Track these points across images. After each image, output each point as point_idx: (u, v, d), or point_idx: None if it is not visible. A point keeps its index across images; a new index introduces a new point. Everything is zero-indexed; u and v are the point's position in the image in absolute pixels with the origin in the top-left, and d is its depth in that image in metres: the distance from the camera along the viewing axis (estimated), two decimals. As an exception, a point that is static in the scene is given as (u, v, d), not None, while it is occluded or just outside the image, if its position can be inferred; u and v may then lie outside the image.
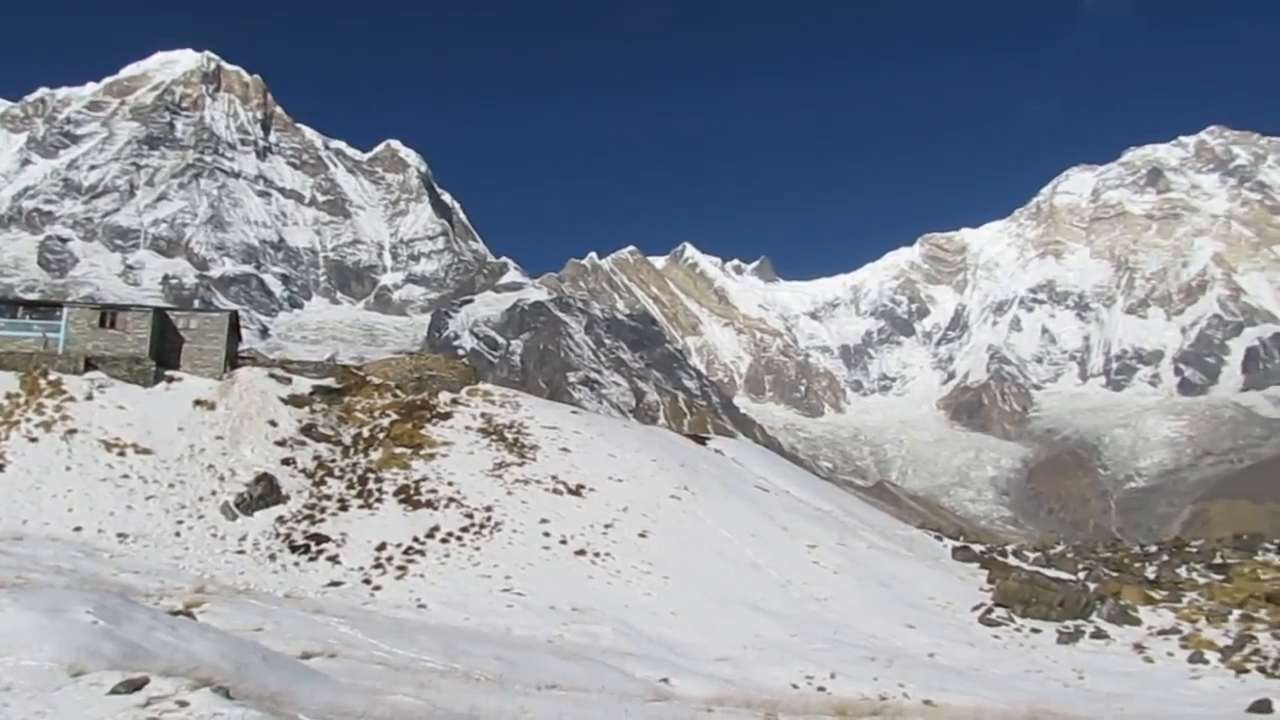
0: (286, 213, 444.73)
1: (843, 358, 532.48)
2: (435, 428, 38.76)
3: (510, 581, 27.66)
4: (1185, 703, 20.74)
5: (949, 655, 24.06)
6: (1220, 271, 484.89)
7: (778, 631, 25.28)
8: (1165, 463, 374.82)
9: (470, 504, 32.75)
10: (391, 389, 42.42)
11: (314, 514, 32.03)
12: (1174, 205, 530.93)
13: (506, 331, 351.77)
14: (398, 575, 28.06)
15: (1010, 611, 27.28)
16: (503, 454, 36.90)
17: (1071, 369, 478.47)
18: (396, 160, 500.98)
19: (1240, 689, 21.28)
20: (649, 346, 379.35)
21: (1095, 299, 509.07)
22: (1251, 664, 22.65)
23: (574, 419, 42.77)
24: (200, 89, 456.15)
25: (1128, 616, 26.88)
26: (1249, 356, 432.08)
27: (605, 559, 29.63)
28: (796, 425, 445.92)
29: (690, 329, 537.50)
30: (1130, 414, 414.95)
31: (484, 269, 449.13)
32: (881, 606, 27.95)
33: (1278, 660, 22.43)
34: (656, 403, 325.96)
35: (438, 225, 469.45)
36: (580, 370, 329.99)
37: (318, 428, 37.87)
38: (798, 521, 35.15)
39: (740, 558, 30.72)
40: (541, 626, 24.25)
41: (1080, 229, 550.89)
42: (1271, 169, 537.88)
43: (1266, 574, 30.74)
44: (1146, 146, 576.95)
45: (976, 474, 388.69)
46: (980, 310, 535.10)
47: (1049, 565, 34.02)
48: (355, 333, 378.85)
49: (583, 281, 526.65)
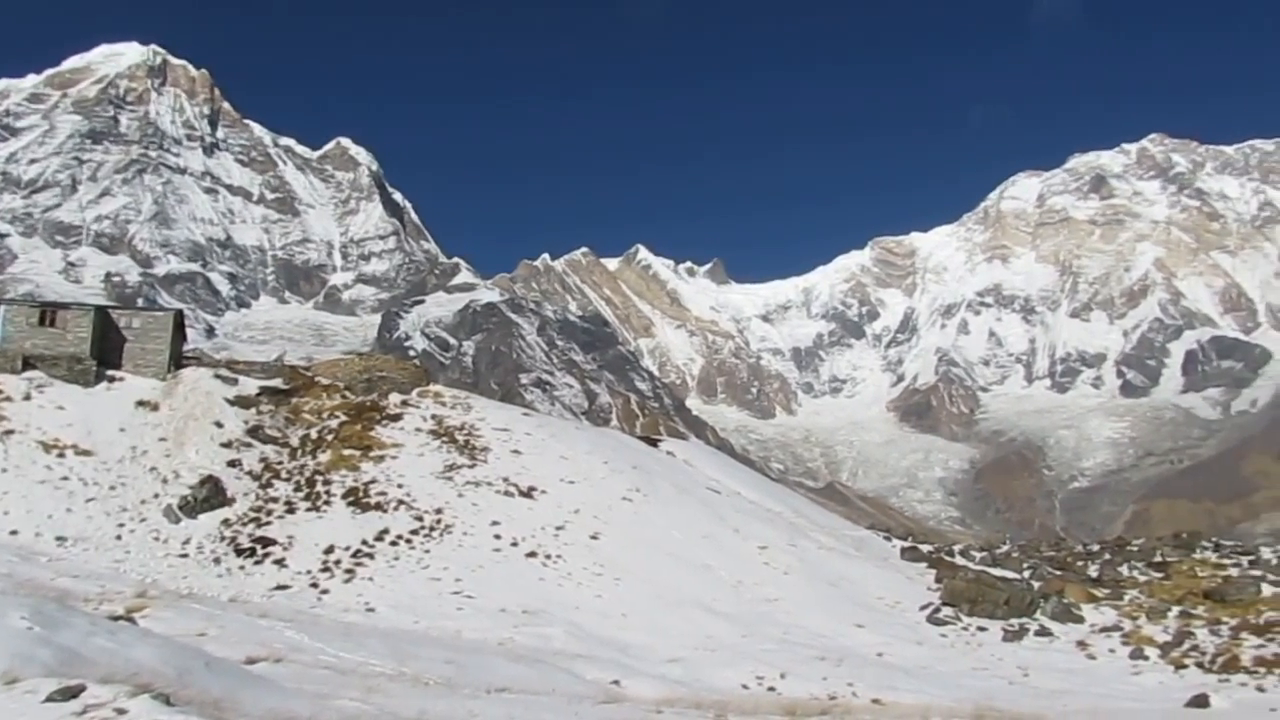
0: (234, 210, 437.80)
1: (794, 360, 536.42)
2: (385, 429, 38.37)
3: (461, 584, 27.44)
4: (1126, 698, 21.14)
5: (897, 654, 24.30)
6: (1161, 276, 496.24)
7: (728, 632, 25.36)
8: (1108, 463, 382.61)
9: (420, 506, 32.45)
10: (341, 390, 41.91)
11: (260, 517, 31.53)
12: (1116, 211, 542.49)
13: (458, 332, 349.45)
14: (346, 578, 27.71)
15: (957, 610, 27.64)
16: (454, 456, 36.62)
17: (1018, 371, 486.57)
18: (347, 158, 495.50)
19: (1179, 684, 21.74)
20: (601, 348, 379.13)
21: (1040, 303, 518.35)
22: (1190, 659, 23.16)
23: (526, 421, 42.58)
24: (145, 83, 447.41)
25: (1071, 614, 27.35)
26: (1188, 359, 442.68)
27: (557, 561, 29.52)
28: (748, 427, 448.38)
29: (643, 331, 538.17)
30: (1074, 415, 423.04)
31: (436, 269, 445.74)
32: (831, 606, 28.16)
33: (1215, 656, 22.96)
34: (609, 404, 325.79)
35: (389, 225, 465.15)
36: (532, 372, 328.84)
37: (265, 429, 37.30)
38: (749, 523, 35.31)
39: (692, 559, 30.77)
40: (492, 629, 24.09)
41: (1026, 234, 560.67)
42: (1210, 177, 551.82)
43: (1204, 572, 31.47)
44: (1090, 153, 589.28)
45: (925, 475, 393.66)
46: (929, 313, 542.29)
47: (995, 564, 34.52)
48: (304, 333, 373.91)
49: (535, 283, 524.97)
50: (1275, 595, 26.89)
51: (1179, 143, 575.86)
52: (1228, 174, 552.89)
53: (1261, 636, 23.69)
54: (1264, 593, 27.20)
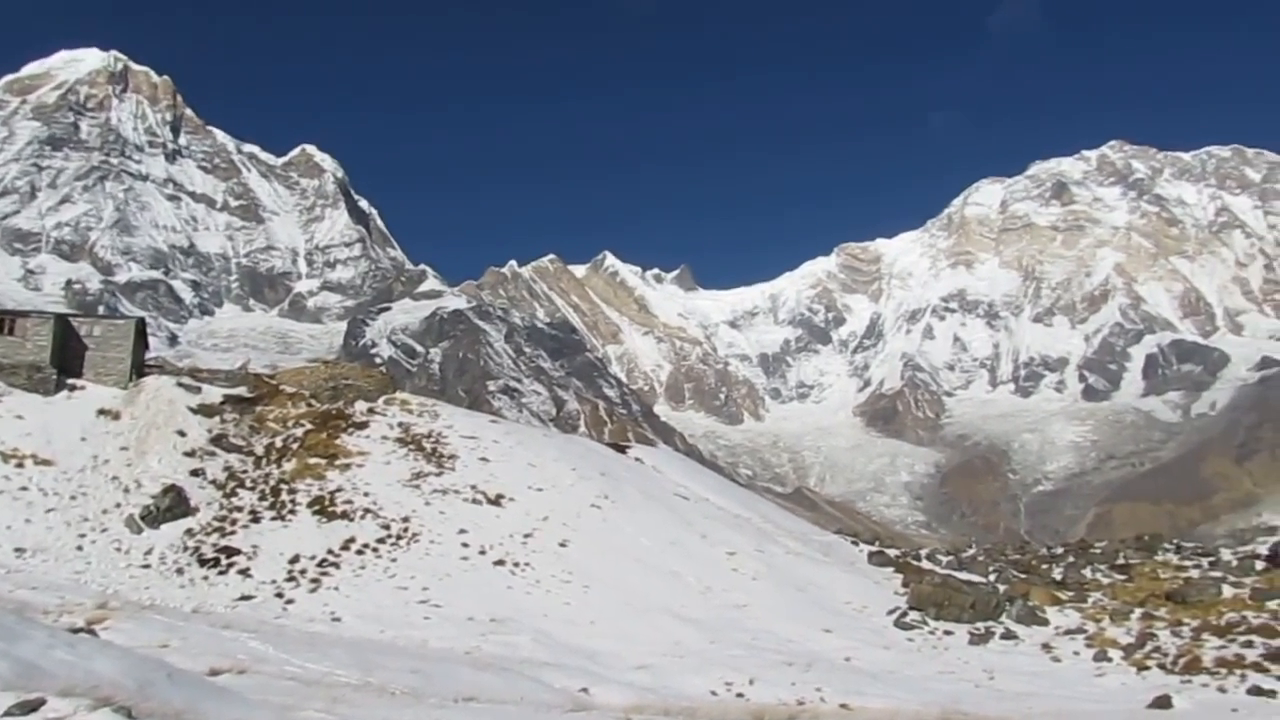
0: (197, 217, 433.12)
1: (761, 366, 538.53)
2: (351, 437, 38.06)
3: (428, 593, 27.26)
4: (1090, 700, 21.37)
5: (865, 659, 24.42)
6: (1121, 281, 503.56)
7: (697, 638, 25.37)
8: (1071, 466, 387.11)
9: (387, 514, 32.21)
10: (306, 398, 41.54)
11: (224, 526, 31.16)
12: (1078, 217, 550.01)
13: (425, 340, 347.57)
14: (311, 588, 27.44)
15: (924, 614, 27.82)
16: (420, 464, 36.40)
17: (982, 376, 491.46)
18: (312, 165, 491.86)
19: (1142, 686, 22.01)
20: (569, 355, 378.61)
21: (1004, 308, 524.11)
22: (1152, 661, 23.45)
23: (493, 428, 42.43)
24: (106, 89, 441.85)
25: (1036, 617, 27.61)
26: (1149, 363, 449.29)
27: (525, 569, 29.40)
28: (716, 433, 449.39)
29: (610, 337, 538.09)
30: (1038, 419, 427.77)
31: (402, 276, 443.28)
32: (799, 612, 28.25)
33: (1177, 657, 23.26)
34: (577, 411, 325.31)
35: (354, 232, 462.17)
36: (500, 379, 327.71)
37: (229, 438, 36.88)
38: (717, 529, 35.36)
39: (660, 565, 30.76)
40: (459, 638, 23.94)
41: (989, 240, 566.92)
42: (1168, 183, 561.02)
43: (1165, 573, 31.90)
44: (1052, 160, 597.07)
45: (891, 479, 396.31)
46: (895, 319, 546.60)
47: (961, 568, 34.79)
48: (268, 341, 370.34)
49: (502, 290, 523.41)
50: (1235, 596, 27.31)
51: (1138, 149, 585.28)
52: (1185, 180, 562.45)
53: (1222, 637, 24.04)
54: (1224, 594, 27.61)
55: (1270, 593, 26.88)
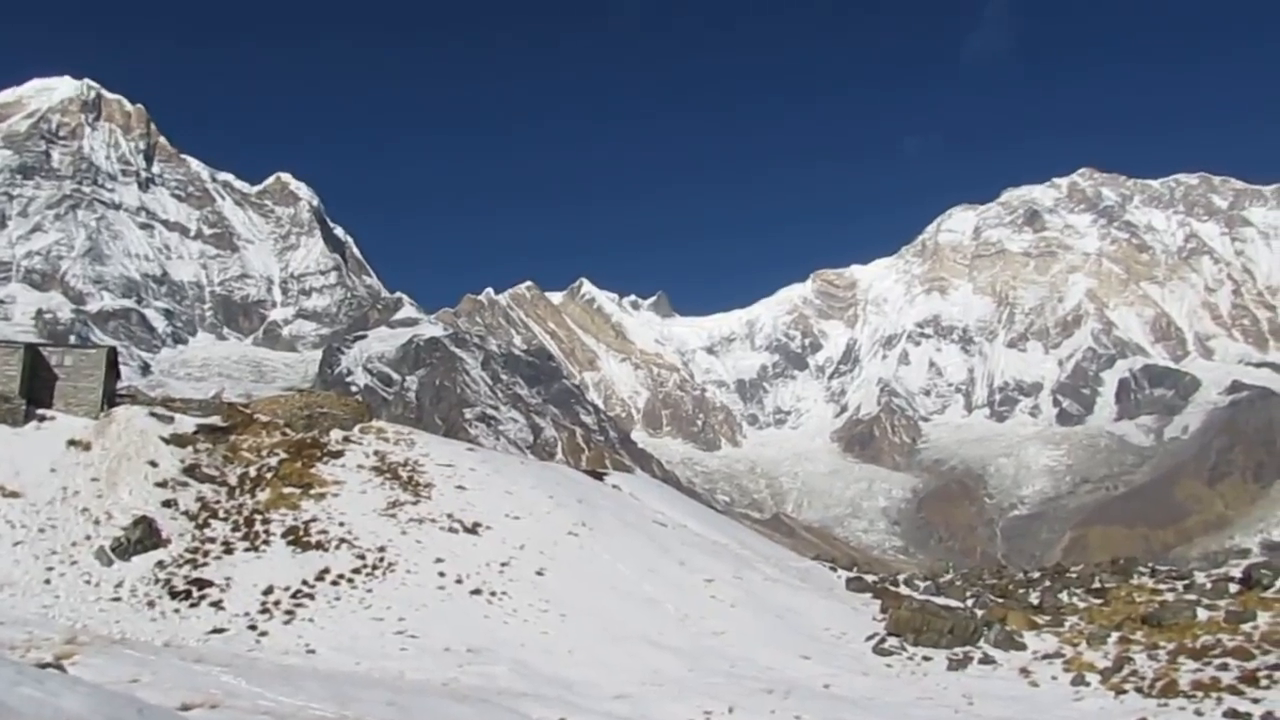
0: (170, 246, 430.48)
1: (738, 392, 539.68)
2: (326, 466, 37.75)
3: (404, 623, 26.98)
4: (1068, 724, 21.42)
5: (844, 685, 24.35)
6: (1093, 307, 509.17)
7: (675, 667, 25.23)
8: (1046, 490, 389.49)
9: (362, 544, 31.91)
10: (280, 427, 41.19)
11: (196, 558, 30.75)
12: (1049, 244, 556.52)
13: (401, 368, 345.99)
14: (285, 620, 27.09)
15: (902, 640, 27.79)
16: (397, 492, 36.13)
17: (957, 401, 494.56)
18: (287, 193, 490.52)
19: (1120, 710, 22.06)
20: (546, 382, 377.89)
21: (978, 333, 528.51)
22: (1129, 685, 23.51)
23: (470, 456, 42.20)
24: (79, 117, 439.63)
25: (1013, 642, 27.65)
26: (1121, 388, 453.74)
27: (502, 598, 29.17)
28: (694, 459, 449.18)
29: (587, 364, 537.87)
30: (1012, 444, 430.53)
31: (378, 304, 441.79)
32: (778, 638, 28.16)
33: (1153, 681, 23.34)
34: (554, 438, 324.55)
35: (330, 260, 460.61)
36: (477, 406, 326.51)
37: (201, 468, 36.48)
38: (695, 556, 35.26)
39: (638, 593, 30.62)
40: (436, 669, 23.69)
41: (963, 266, 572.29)
42: (1137, 209, 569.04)
43: (1141, 596, 32.03)
44: (1023, 187, 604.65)
45: (869, 504, 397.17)
46: (870, 344, 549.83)
47: (939, 593, 34.81)
48: (242, 369, 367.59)
49: (479, 317, 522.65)
50: (1210, 619, 27.46)
51: (1107, 177, 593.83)
52: (1154, 207, 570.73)
53: (1198, 660, 24.14)
54: (1199, 617, 27.76)
55: (1244, 615, 27.05)
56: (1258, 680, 22.24)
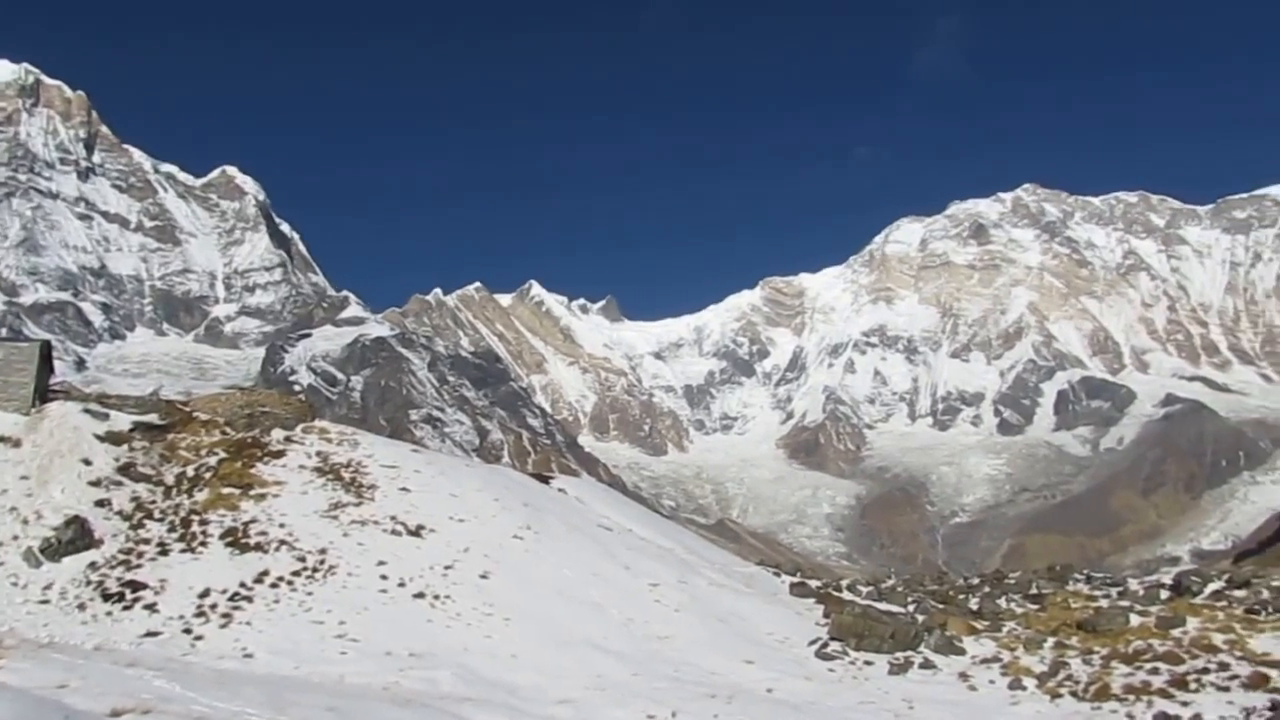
0: (110, 238, 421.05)
1: (686, 397, 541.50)
2: (267, 467, 37.08)
3: (345, 627, 26.56)
4: (1005, 729, 21.74)
5: (786, 690, 24.46)
6: (1034, 319, 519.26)
7: (620, 671, 25.15)
8: (986, 498, 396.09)
9: (303, 546, 31.37)
10: (220, 426, 40.40)
11: (130, 559, 30.01)
12: (993, 257, 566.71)
13: (346, 367, 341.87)
14: (222, 623, 26.53)
15: (844, 645, 28.00)
16: (339, 494, 35.60)
17: (901, 409, 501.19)
18: (233, 187, 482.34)
19: (1055, 713, 22.44)
20: (493, 384, 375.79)
21: (923, 343, 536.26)
22: (1065, 688, 23.93)
23: (415, 458, 41.73)
24: (16, 103, 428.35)
25: (953, 647, 27.99)
26: (1060, 399, 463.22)
27: (445, 601, 28.87)
28: (640, 464, 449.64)
29: (535, 367, 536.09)
30: (955, 452, 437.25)
31: (324, 302, 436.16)
32: (722, 643, 28.21)
33: (1088, 685, 23.78)
34: (500, 441, 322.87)
35: (275, 256, 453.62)
36: (423, 408, 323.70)
37: (137, 466, 35.63)
38: (640, 560, 35.22)
39: (582, 597, 30.49)
40: (377, 673, 23.36)
41: (909, 277, 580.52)
42: (1078, 225, 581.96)
43: (1077, 603, 32.64)
44: (969, 201, 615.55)
45: (813, 511, 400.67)
46: (817, 352, 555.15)
47: (881, 599, 35.15)
48: (183, 366, 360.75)
49: (427, 317, 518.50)
50: (1143, 625, 28.06)
51: (1050, 193, 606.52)
52: (1095, 224, 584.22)
53: (1130, 665, 24.66)
54: (1132, 622, 28.35)
55: (1175, 621, 27.70)
56: (1187, 684, 22.77)
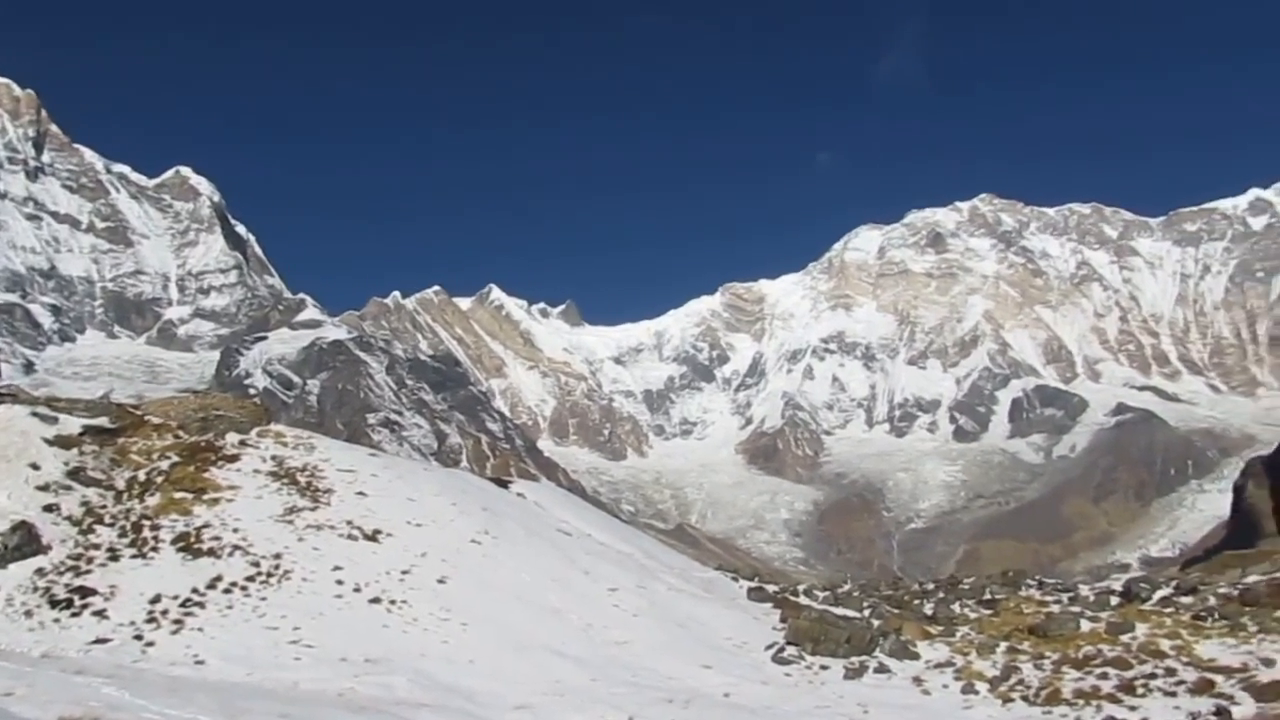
0: (59, 238, 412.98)
1: (646, 402, 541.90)
2: (221, 471, 36.60)
3: (299, 633, 26.28)
4: (958, 732, 22.01)
5: (743, 694, 24.58)
6: (990, 328, 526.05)
7: (578, 676, 25.13)
8: (942, 505, 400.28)
9: (257, 551, 31.00)
10: (173, 429, 39.82)
11: (79, 565, 29.48)
12: (950, 265, 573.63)
13: (303, 370, 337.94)
14: (174, 630, 26.14)
15: (801, 649, 28.18)
16: (294, 498, 35.22)
17: (859, 416, 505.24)
18: (187, 188, 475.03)
19: (1007, 717, 22.75)
20: (452, 388, 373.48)
21: (880, 350, 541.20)
22: (1016, 693, 24.26)
23: (372, 461, 41.41)
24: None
25: (908, 651, 28.28)
26: (1014, 407, 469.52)
27: (402, 606, 28.66)
28: (600, 469, 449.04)
29: (495, 371, 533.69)
30: (911, 459, 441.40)
31: (280, 305, 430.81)
32: (680, 648, 28.28)
33: (1039, 689, 24.13)
34: (459, 445, 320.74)
35: (230, 258, 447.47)
36: (380, 411, 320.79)
37: (87, 471, 35.01)
38: (599, 565, 35.22)
39: (541, 602, 30.43)
40: (332, 679, 23.14)
41: (868, 284, 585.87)
42: (1033, 235, 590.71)
43: (1029, 608, 33.13)
44: (927, 210, 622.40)
45: (771, 516, 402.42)
46: (776, 358, 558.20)
47: (837, 604, 35.43)
48: (134, 369, 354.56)
49: (385, 321, 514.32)
50: (1093, 630, 28.53)
51: (1006, 203, 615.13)
52: (1049, 234, 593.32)
53: (1080, 670, 25.06)
54: (1082, 628, 28.81)
55: (1124, 627, 28.19)
56: (1135, 689, 23.19)
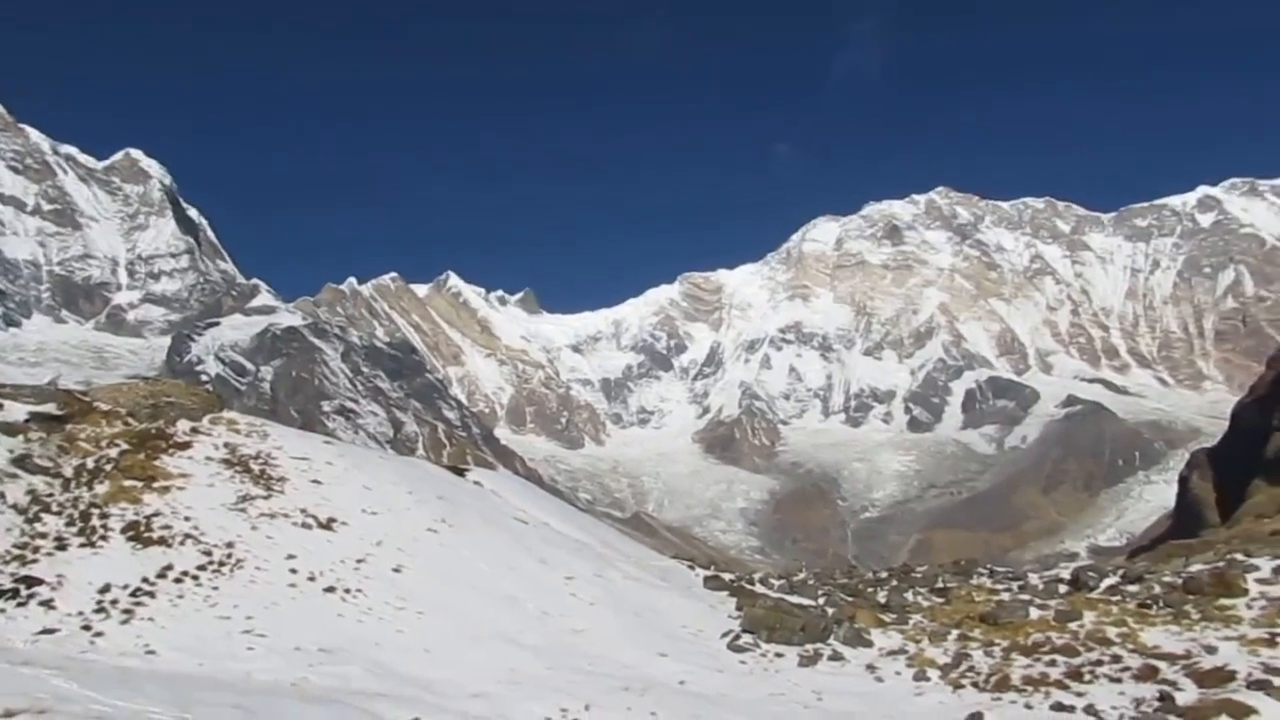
0: (4, 221, 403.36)
1: (603, 391, 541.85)
2: (172, 459, 36.05)
3: (252, 622, 26.00)
4: (910, 718, 22.29)
5: (699, 682, 24.72)
6: (945, 319, 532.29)
7: (534, 665, 25.13)
8: (896, 494, 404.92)
9: (209, 540, 30.59)
10: (123, 416, 39.13)
11: (25, 554, 28.90)
12: (906, 257, 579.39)
13: (256, 357, 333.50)
14: (123, 620, 25.74)
15: (756, 638, 28.40)
16: (247, 486, 34.80)
17: (815, 406, 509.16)
18: (137, 170, 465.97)
19: (957, 704, 23.08)
20: (409, 376, 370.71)
21: (837, 341, 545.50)
22: (967, 680, 24.62)
23: (327, 449, 41.00)
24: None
25: (861, 639, 28.60)
26: (968, 398, 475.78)
27: (357, 595, 28.46)
28: (557, 457, 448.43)
29: (452, 359, 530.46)
30: (866, 449, 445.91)
31: (233, 291, 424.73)
32: (636, 636, 28.38)
33: (989, 676, 24.51)
34: (415, 433, 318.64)
35: (182, 242, 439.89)
36: (335, 399, 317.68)
37: (33, 458, 34.31)
38: (556, 553, 35.22)
39: (497, 591, 30.37)
40: (285, 669, 22.93)
41: (825, 275, 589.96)
42: (988, 229, 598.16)
43: (980, 596, 33.62)
44: (884, 202, 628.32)
45: (728, 505, 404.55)
46: (734, 348, 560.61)
47: (792, 592, 35.71)
48: (83, 355, 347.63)
49: (340, 307, 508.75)
50: (1041, 618, 29.03)
51: (962, 197, 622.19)
52: (1004, 228, 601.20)
53: (1029, 657, 25.50)
54: (1032, 616, 29.31)
55: (1071, 615, 28.72)
56: (1082, 675, 23.65)
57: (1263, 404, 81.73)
